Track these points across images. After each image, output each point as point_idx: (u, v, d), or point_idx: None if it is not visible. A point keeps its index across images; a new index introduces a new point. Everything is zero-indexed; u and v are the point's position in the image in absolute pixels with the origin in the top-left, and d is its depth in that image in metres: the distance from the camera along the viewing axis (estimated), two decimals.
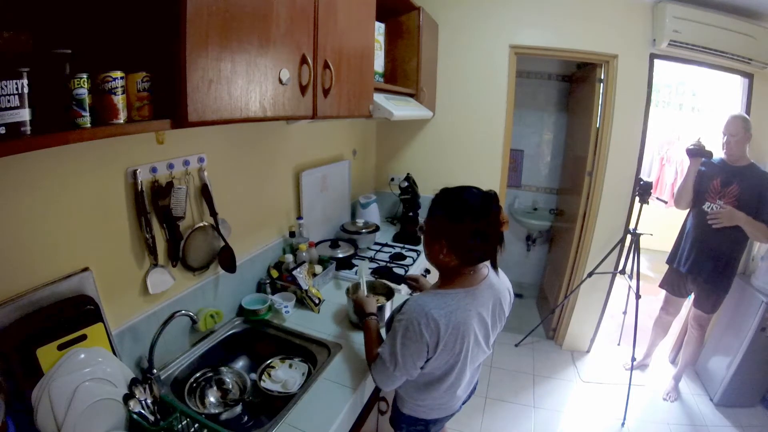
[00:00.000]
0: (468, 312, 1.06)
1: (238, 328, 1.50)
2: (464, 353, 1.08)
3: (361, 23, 1.48)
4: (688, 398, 2.55)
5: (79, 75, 0.71)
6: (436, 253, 1.10)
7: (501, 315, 1.19)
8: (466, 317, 1.06)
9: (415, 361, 1.06)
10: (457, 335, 1.04)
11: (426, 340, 1.03)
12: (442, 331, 1.02)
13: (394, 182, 2.75)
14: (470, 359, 1.12)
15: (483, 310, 1.11)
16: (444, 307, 1.04)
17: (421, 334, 1.02)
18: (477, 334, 1.10)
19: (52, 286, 0.93)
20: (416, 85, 2.21)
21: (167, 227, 1.20)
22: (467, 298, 1.08)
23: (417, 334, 1.02)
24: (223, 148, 1.42)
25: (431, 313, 1.02)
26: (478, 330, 1.10)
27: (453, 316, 1.04)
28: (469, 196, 1.10)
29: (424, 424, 1.28)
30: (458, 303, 1.06)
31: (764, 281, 2.32)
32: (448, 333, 1.03)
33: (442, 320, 1.02)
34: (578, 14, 2.45)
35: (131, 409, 0.94)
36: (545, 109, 3.67)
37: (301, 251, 1.74)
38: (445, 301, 1.06)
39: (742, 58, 2.30)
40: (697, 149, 2.28)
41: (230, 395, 1.25)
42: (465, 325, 1.05)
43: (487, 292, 1.13)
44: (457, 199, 1.10)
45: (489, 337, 1.17)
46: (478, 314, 1.09)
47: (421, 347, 1.04)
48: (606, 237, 2.70)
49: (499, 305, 1.16)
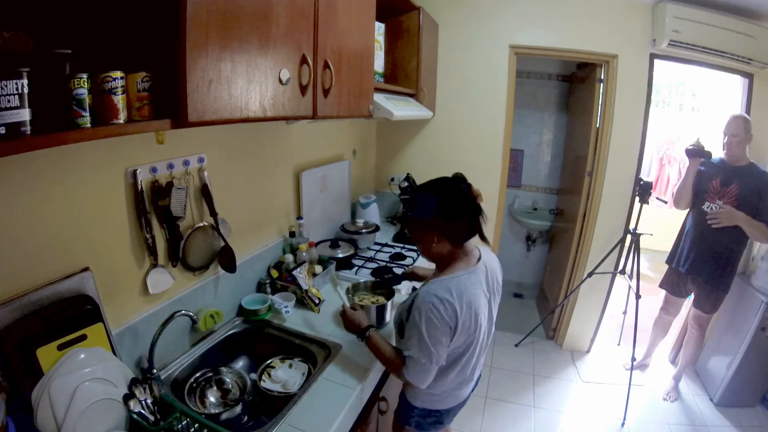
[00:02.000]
0: (476, 290, 1.14)
1: (238, 328, 1.50)
2: (479, 331, 1.16)
3: (361, 23, 1.48)
4: (688, 398, 2.55)
5: (79, 75, 0.71)
6: (430, 245, 1.18)
7: (498, 288, 1.28)
8: (476, 294, 1.13)
9: (445, 347, 1.12)
10: (471, 313, 1.11)
11: (448, 323, 1.09)
12: (459, 312, 1.08)
13: (394, 182, 2.75)
14: (483, 334, 1.19)
15: (485, 287, 1.20)
16: (454, 290, 1.10)
17: (443, 319, 1.08)
18: (485, 311, 1.18)
19: (52, 286, 0.93)
20: (416, 85, 2.21)
21: (167, 227, 1.20)
22: (471, 277, 1.15)
23: (439, 320, 1.08)
24: (223, 148, 1.42)
25: (445, 297, 1.08)
26: (485, 306, 1.18)
27: (464, 296, 1.10)
28: (441, 184, 1.20)
29: (437, 415, 1.31)
30: (465, 283, 1.13)
31: (764, 281, 2.32)
32: (463, 312, 1.09)
33: (456, 302, 1.08)
34: (578, 14, 2.45)
35: (131, 409, 0.94)
36: (545, 109, 3.67)
37: (301, 251, 1.74)
38: (453, 283, 1.12)
39: (742, 58, 2.30)
40: (697, 149, 2.28)
41: (230, 395, 1.25)
42: (476, 302, 1.13)
43: (483, 271, 1.21)
44: (433, 190, 1.19)
45: (492, 313, 1.25)
46: (483, 291, 1.18)
47: (445, 332, 1.10)
48: (606, 237, 2.70)
49: (495, 280, 1.26)
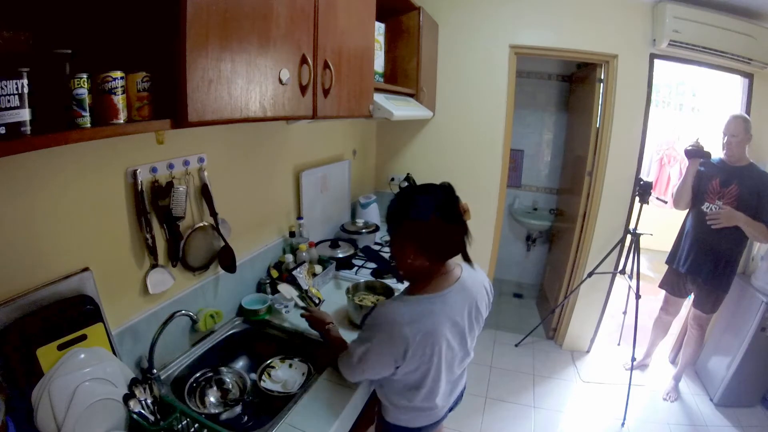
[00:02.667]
0: (437, 318, 1.03)
1: (238, 328, 1.50)
2: (437, 360, 1.05)
3: (361, 23, 1.48)
4: (688, 398, 2.55)
5: (79, 75, 0.71)
6: (406, 258, 1.07)
7: (478, 317, 1.16)
8: (436, 323, 1.02)
9: (382, 368, 1.06)
10: (427, 343, 1.01)
11: (393, 350, 1.01)
12: (410, 340, 0.99)
13: (394, 182, 2.75)
14: (445, 366, 1.08)
15: (456, 314, 1.07)
16: (411, 314, 1.01)
17: (388, 344, 1.01)
18: (450, 341, 1.06)
19: (52, 286, 0.93)
20: (416, 85, 2.21)
21: (167, 227, 1.20)
22: (437, 304, 1.04)
23: (384, 343, 1.01)
24: (223, 148, 1.42)
25: (398, 321, 1.00)
26: (452, 336, 1.07)
27: (421, 323, 1.00)
28: (425, 192, 1.10)
29: None
30: (427, 309, 1.03)
31: (764, 281, 2.32)
32: (416, 341, 0.99)
33: (408, 328, 0.99)
34: (578, 14, 2.45)
35: (131, 409, 0.94)
36: (545, 109, 3.67)
37: (301, 251, 1.74)
38: (413, 307, 1.03)
39: (742, 58, 2.30)
40: (696, 150, 2.28)
41: (230, 395, 1.25)
42: (435, 333, 1.02)
43: (460, 296, 1.09)
44: (416, 197, 1.08)
45: (466, 342, 1.13)
46: (450, 319, 1.06)
47: (387, 357, 1.03)
48: (606, 237, 2.70)
49: (475, 308, 1.13)
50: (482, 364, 2.79)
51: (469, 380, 1.32)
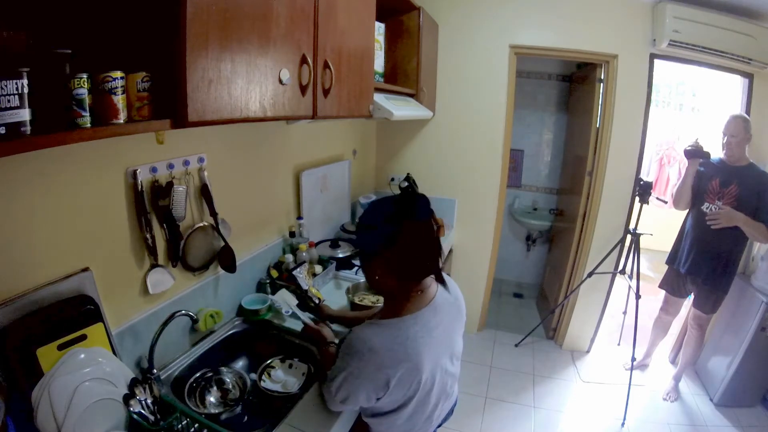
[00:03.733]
0: (420, 340, 0.95)
1: (238, 328, 1.50)
2: (423, 384, 0.97)
3: (361, 23, 1.48)
4: (688, 398, 2.55)
5: (79, 75, 0.71)
6: (373, 275, 1.01)
7: (458, 330, 1.12)
8: (418, 347, 0.94)
9: (358, 399, 0.98)
10: (412, 368, 0.93)
11: (369, 381, 0.93)
12: (391, 370, 0.91)
13: (394, 182, 2.75)
14: (435, 387, 1.03)
15: (437, 332, 1.00)
16: (390, 341, 0.93)
17: (366, 374, 0.93)
18: (437, 361, 1.01)
19: (52, 286, 0.93)
20: (416, 85, 2.21)
21: (167, 227, 1.20)
22: (416, 326, 0.96)
23: (358, 373, 0.93)
24: (223, 148, 1.42)
25: (374, 349, 0.92)
26: (440, 355, 1.02)
27: (402, 348, 0.92)
28: (395, 204, 0.98)
29: None
30: (407, 333, 0.94)
31: (764, 281, 2.32)
32: (400, 369, 0.92)
33: (388, 356, 0.91)
34: (578, 14, 2.45)
35: (131, 409, 0.94)
36: (545, 109, 3.67)
37: (301, 251, 1.74)
38: (391, 333, 0.94)
39: (742, 58, 2.30)
40: (695, 150, 2.28)
41: (230, 395, 1.25)
42: (418, 356, 0.93)
43: (438, 313, 1.02)
44: (382, 209, 0.99)
45: (452, 356, 1.09)
46: (434, 338, 0.99)
47: (367, 387, 0.95)
48: (606, 237, 2.70)
49: (457, 322, 1.10)
50: (482, 364, 2.79)
51: (469, 380, 1.32)
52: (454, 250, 2.93)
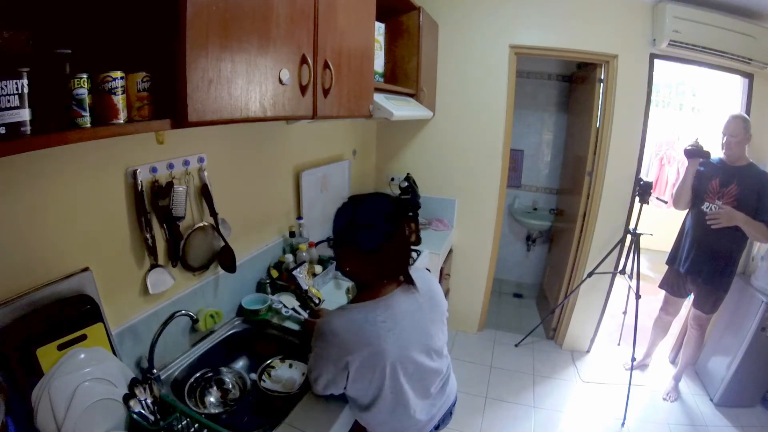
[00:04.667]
0: (382, 325, 0.98)
1: (238, 328, 1.50)
2: (389, 373, 0.99)
3: (361, 23, 1.48)
4: (688, 398, 2.55)
5: (79, 75, 0.71)
6: (344, 266, 1.06)
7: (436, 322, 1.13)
8: (379, 331, 0.97)
9: (334, 375, 1.01)
10: (373, 353, 0.96)
11: (334, 360, 0.98)
12: (350, 354, 0.95)
13: (394, 182, 2.75)
14: (407, 380, 1.03)
15: (405, 321, 1.02)
16: (351, 323, 0.98)
17: (329, 354, 0.98)
18: (405, 351, 1.02)
19: (52, 286, 0.93)
20: (416, 85, 2.21)
21: (167, 227, 1.20)
22: (379, 311, 0.99)
23: (326, 354, 0.99)
24: (223, 148, 1.42)
25: (336, 332, 0.97)
26: (408, 346, 1.02)
27: (362, 332, 0.97)
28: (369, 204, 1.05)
29: None
30: (368, 317, 0.98)
31: (764, 281, 2.32)
32: (359, 353, 0.96)
33: (347, 338, 0.96)
34: (578, 14, 2.45)
35: (131, 409, 0.94)
36: (545, 109, 3.67)
37: (301, 251, 1.74)
38: (353, 317, 0.99)
39: (742, 58, 2.30)
40: (695, 150, 2.28)
41: (230, 395, 1.25)
42: (378, 340, 0.96)
43: (406, 301, 1.05)
44: (356, 210, 1.04)
45: (429, 352, 1.09)
46: (401, 327, 1.01)
47: (329, 366, 1.00)
48: (606, 237, 2.70)
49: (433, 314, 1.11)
50: (482, 364, 2.79)
51: (469, 380, 1.31)
52: (454, 250, 2.93)
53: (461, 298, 2.98)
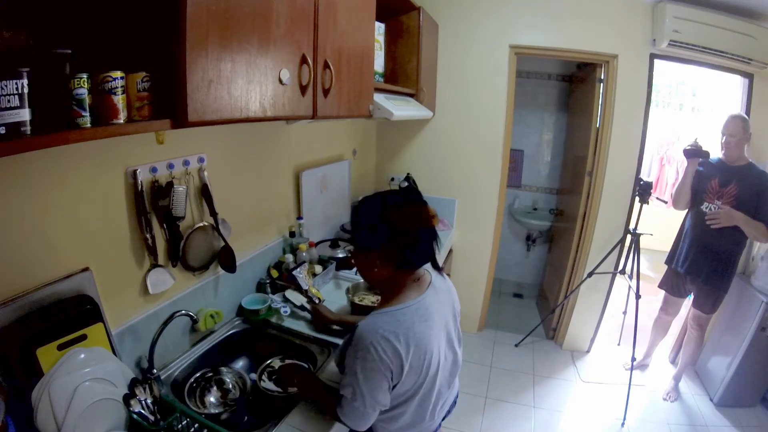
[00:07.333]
0: (425, 324, 0.98)
1: (238, 328, 1.50)
2: (432, 369, 1.00)
3: (361, 23, 1.48)
4: (688, 398, 2.55)
5: (79, 75, 0.71)
6: (370, 268, 1.03)
7: (456, 320, 1.16)
8: (425, 330, 0.98)
9: (385, 392, 0.97)
10: (420, 353, 0.96)
11: (389, 367, 0.93)
12: (403, 354, 0.93)
13: (394, 182, 2.75)
14: (440, 372, 1.04)
15: (437, 317, 1.03)
16: (399, 327, 0.94)
17: (382, 362, 0.92)
18: (440, 345, 1.03)
19: (52, 286, 0.93)
20: (416, 85, 2.21)
21: (167, 227, 1.20)
22: (420, 310, 0.99)
23: (377, 362, 0.92)
24: (223, 148, 1.42)
25: (387, 337, 0.92)
26: (441, 340, 1.04)
27: (411, 333, 0.95)
28: (389, 195, 1.04)
29: None
30: (413, 318, 0.97)
31: (764, 281, 2.32)
32: (410, 354, 0.94)
33: (400, 341, 0.93)
34: (578, 14, 2.45)
35: (131, 409, 0.94)
36: (545, 109, 3.67)
37: (301, 251, 1.74)
38: (398, 319, 0.96)
39: (742, 58, 2.30)
40: (694, 150, 2.28)
41: (230, 395, 1.25)
42: (426, 339, 0.97)
43: (436, 298, 1.06)
44: (379, 201, 1.03)
45: (452, 341, 1.11)
46: (434, 323, 1.02)
47: (385, 376, 0.94)
48: (606, 237, 2.70)
49: (452, 311, 1.13)
50: (482, 364, 2.79)
51: (469, 380, 1.32)
52: (454, 250, 2.93)
53: (461, 298, 2.89)
